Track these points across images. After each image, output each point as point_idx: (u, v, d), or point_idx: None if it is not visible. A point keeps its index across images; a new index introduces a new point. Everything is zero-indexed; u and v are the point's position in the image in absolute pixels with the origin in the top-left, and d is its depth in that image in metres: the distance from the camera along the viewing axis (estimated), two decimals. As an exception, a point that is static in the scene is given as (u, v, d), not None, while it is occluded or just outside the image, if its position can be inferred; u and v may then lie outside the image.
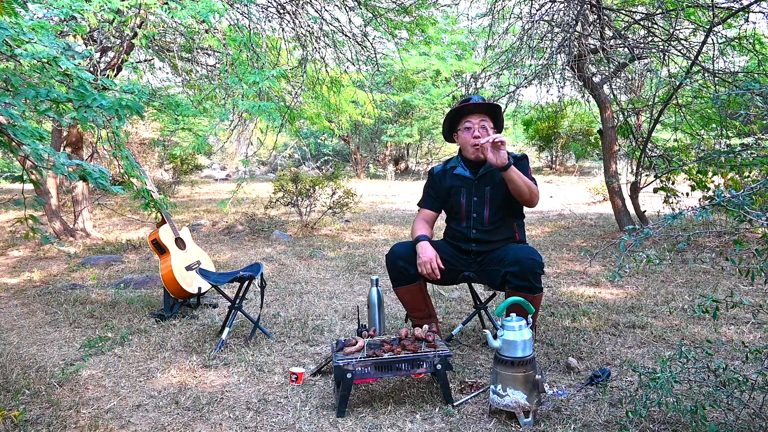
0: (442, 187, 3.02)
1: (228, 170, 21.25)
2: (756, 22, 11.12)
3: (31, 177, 2.49)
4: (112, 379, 2.79)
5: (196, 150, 10.06)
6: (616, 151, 6.81)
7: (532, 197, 2.81)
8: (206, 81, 7.03)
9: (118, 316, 3.85)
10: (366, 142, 20.02)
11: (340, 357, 2.40)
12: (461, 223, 2.97)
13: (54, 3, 3.31)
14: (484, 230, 2.91)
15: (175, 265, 3.78)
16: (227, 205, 4.75)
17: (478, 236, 2.92)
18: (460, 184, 2.96)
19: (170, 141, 11.99)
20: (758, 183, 2.07)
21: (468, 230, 2.94)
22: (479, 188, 2.91)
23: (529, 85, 6.45)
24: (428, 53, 13.93)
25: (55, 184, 7.24)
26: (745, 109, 4.45)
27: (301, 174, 8.05)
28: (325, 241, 6.84)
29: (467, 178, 2.95)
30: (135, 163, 2.91)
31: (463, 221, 2.96)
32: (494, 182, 2.90)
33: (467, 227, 2.94)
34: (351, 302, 4.12)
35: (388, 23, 6.13)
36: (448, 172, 3.02)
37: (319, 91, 6.29)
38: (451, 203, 3.00)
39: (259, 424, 2.31)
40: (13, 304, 4.31)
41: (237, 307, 3.32)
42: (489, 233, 2.91)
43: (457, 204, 2.97)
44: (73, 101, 2.27)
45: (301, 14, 5.55)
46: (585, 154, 17.81)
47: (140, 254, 6.23)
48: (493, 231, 2.90)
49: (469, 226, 2.94)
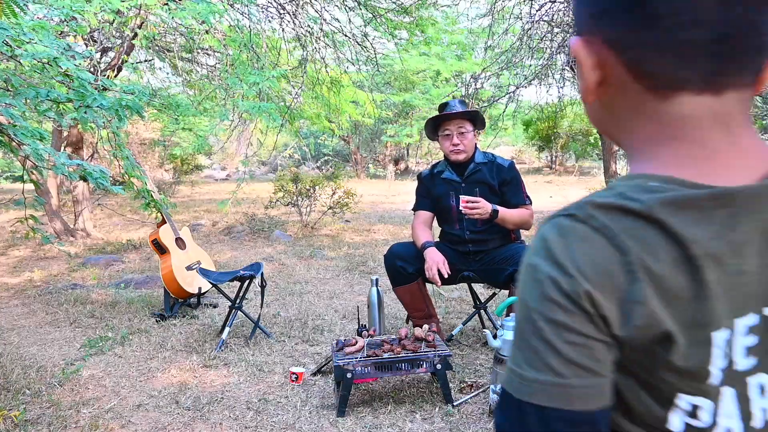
0: (432, 191, 3.04)
1: (228, 170, 21.25)
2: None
3: (32, 177, 2.50)
4: (113, 379, 2.80)
5: (197, 150, 10.07)
6: (616, 151, 6.82)
7: (524, 225, 2.95)
8: (206, 81, 7.04)
9: (118, 316, 3.85)
10: (366, 142, 20.02)
11: (340, 357, 2.40)
12: (454, 226, 2.98)
13: (54, 3, 3.31)
14: (478, 230, 2.92)
15: (176, 264, 3.78)
16: (227, 206, 4.76)
17: (472, 237, 2.93)
18: (448, 187, 2.98)
19: (170, 141, 11.98)
20: (757, 183, 2.07)
21: (462, 232, 2.95)
22: (468, 190, 2.92)
23: (529, 85, 6.46)
24: (428, 53, 13.93)
25: (56, 184, 7.25)
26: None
27: (301, 174, 8.06)
28: (325, 241, 6.84)
29: (454, 181, 2.97)
30: (135, 163, 2.91)
31: (455, 224, 2.97)
32: (483, 180, 2.92)
33: (461, 229, 2.96)
34: (351, 302, 4.12)
35: (388, 23, 6.14)
36: (436, 177, 3.04)
37: (319, 91, 6.30)
38: (441, 208, 3.02)
39: (259, 424, 2.31)
40: (14, 304, 4.31)
41: (237, 306, 3.33)
42: (483, 233, 2.92)
43: (447, 208, 2.98)
44: (74, 101, 2.28)
45: (301, 14, 5.56)
46: (585, 154, 17.83)
47: (140, 254, 6.23)
48: (488, 230, 2.92)
49: (462, 228, 2.95)
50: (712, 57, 0.46)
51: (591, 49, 0.50)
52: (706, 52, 0.46)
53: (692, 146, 0.48)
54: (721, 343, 0.46)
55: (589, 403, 0.46)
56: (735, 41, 0.45)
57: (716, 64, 0.46)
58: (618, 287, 0.45)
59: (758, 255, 0.47)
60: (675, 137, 0.49)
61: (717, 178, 0.47)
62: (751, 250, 0.46)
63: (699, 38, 0.45)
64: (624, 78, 0.50)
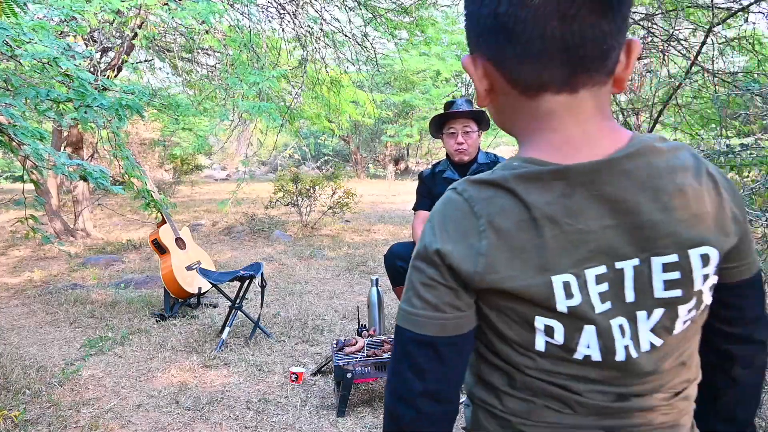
0: (433, 190, 3.04)
1: (228, 170, 21.24)
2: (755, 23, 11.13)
3: (32, 177, 2.50)
4: (113, 379, 2.80)
5: (197, 150, 10.06)
6: (616, 151, 6.84)
7: None
8: (206, 81, 7.04)
9: (118, 316, 3.85)
10: (366, 142, 20.01)
11: (340, 357, 2.40)
12: None
13: (54, 3, 3.31)
14: None
15: (176, 264, 3.78)
16: (227, 206, 4.75)
17: None
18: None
19: (170, 141, 11.97)
20: (758, 183, 2.07)
21: None
22: None
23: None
24: (428, 53, 13.93)
25: (56, 184, 7.24)
26: (745, 109, 4.45)
27: (301, 174, 8.06)
28: (325, 241, 6.84)
29: (456, 180, 2.96)
30: (135, 163, 2.91)
31: None
32: None
33: None
34: (351, 302, 4.12)
35: (388, 23, 6.13)
36: (437, 176, 3.04)
37: (319, 91, 6.29)
38: None
39: (259, 424, 2.31)
40: (14, 304, 4.31)
41: (237, 306, 3.33)
42: None
43: None
44: (74, 101, 2.28)
45: (301, 14, 5.56)
46: (585, 154, 17.79)
47: (140, 254, 6.23)
48: None
49: None
50: (562, 64, 0.58)
51: (477, 64, 0.64)
52: (557, 60, 0.58)
53: (552, 134, 0.62)
54: (560, 284, 0.60)
55: (431, 330, 0.63)
56: (579, 50, 0.57)
57: (567, 69, 0.58)
58: (470, 244, 0.61)
59: (598, 218, 0.59)
60: (541, 128, 0.62)
61: (565, 158, 0.60)
62: (590, 214, 0.59)
63: (549, 50, 0.57)
64: (503, 85, 0.63)
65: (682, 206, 0.60)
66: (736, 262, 0.68)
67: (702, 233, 0.61)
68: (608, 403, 0.64)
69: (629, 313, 0.62)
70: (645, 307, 0.62)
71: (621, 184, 0.59)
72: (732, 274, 0.68)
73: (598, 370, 0.63)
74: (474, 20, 0.62)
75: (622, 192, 0.59)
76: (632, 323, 0.62)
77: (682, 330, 0.63)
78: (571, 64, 0.58)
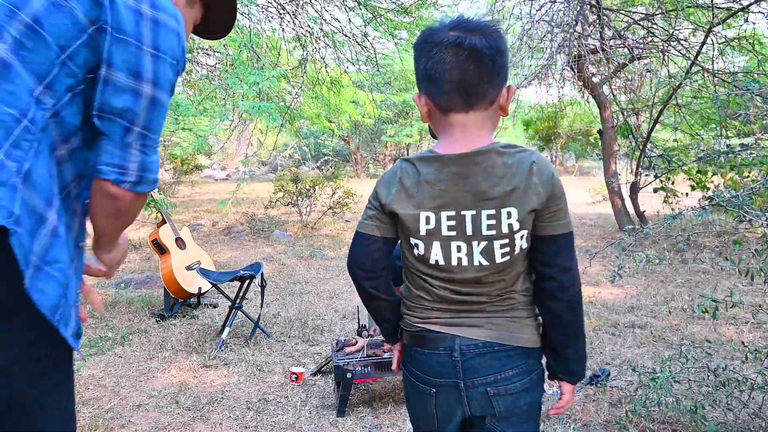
0: None
1: (228, 170, 21.23)
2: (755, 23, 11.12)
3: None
4: (113, 379, 2.80)
5: (197, 150, 10.05)
6: (615, 151, 6.82)
7: None
8: (206, 81, 7.03)
9: (118, 316, 3.85)
10: (366, 142, 20.00)
11: (340, 357, 2.40)
12: None
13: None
14: None
15: (176, 264, 3.78)
16: (227, 206, 4.76)
17: None
18: None
19: (170, 141, 11.97)
20: (758, 183, 2.07)
21: None
22: None
23: (529, 85, 6.45)
24: (428, 53, 13.89)
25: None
26: (745, 109, 4.45)
27: (301, 174, 8.06)
28: (325, 241, 6.84)
29: None
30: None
31: None
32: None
33: None
34: (351, 302, 4.12)
35: (388, 23, 6.13)
36: None
37: (319, 91, 6.29)
38: None
39: (259, 423, 2.31)
40: (14, 304, 4.31)
41: (237, 306, 3.33)
42: None
43: None
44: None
45: (301, 14, 5.55)
46: (585, 154, 17.79)
47: (140, 254, 6.23)
48: None
49: None
50: (460, 96, 1.02)
51: (420, 97, 1.08)
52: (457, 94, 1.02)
53: (449, 138, 1.07)
54: (424, 217, 1.07)
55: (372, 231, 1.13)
56: (469, 89, 1.01)
57: (463, 99, 1.02)
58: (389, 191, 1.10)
59: (453, 184, 1.05)
60: (447, 134, 1.07)
61: (447, 151, 1.06)
62: (449, 181, 1.05)
63: (452, 87, 1.01)
64: (433, 109, 1.07)
65: (501, 183, 1.02)
66: (543, 222, 1.06)
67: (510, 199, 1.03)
68: (450, 295, 1.10)
69: (467, 240, 1.06)
70: (477, 239, 1.05)
71: (469, 167, 1.04)
72: (541, 229, 1.06)
73: (442, 273, 1.09)
74: (417, 71, 1.07)
75: (468, 171, 1.04)
76: (469, 246, 1.06)
77: (503, 260, 1.06)
78: (465, 97, 1.02)
